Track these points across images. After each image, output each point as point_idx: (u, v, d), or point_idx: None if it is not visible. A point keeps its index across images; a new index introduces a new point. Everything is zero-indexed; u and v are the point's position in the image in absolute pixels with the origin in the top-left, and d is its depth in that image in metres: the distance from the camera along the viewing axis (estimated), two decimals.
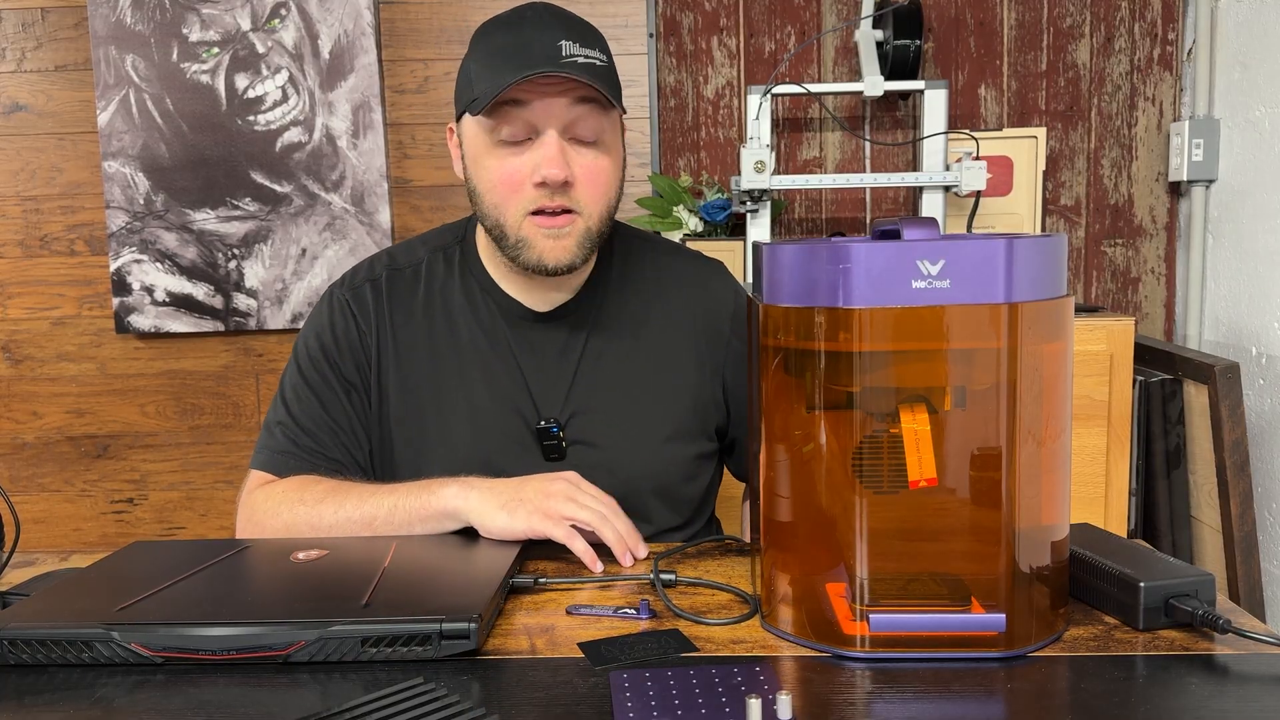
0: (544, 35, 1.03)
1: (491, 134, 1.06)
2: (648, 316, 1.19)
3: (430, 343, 1.16)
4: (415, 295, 1.18)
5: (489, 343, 1.16)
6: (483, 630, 0.78)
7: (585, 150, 1.07)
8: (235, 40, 2.15)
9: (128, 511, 2.32)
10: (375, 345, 1.16)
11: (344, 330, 1.17)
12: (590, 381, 1.16)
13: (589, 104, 1.05)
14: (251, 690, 0.74)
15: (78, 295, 2.27)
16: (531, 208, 1.06)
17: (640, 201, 2.12)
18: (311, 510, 1.06)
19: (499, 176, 1.07)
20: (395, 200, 2.22)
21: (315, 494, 1.07)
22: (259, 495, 1.11)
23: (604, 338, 1.17)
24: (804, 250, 0.75)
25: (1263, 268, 1.97)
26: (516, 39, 1.04)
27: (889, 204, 2.23)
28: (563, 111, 1.04)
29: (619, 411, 1.16)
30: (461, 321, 1.16)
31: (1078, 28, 2.16)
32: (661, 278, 1.21)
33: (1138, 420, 1.87)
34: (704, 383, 1.19)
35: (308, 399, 1.16)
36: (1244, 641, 0.77)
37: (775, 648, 0.79)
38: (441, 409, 1.15)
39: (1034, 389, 0.75)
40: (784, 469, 0.80)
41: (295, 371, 1.18)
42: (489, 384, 1.15)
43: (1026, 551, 0.76)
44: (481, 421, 1.14)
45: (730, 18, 2.18)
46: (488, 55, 1.05)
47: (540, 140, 1.05)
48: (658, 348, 1.18)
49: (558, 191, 1.06)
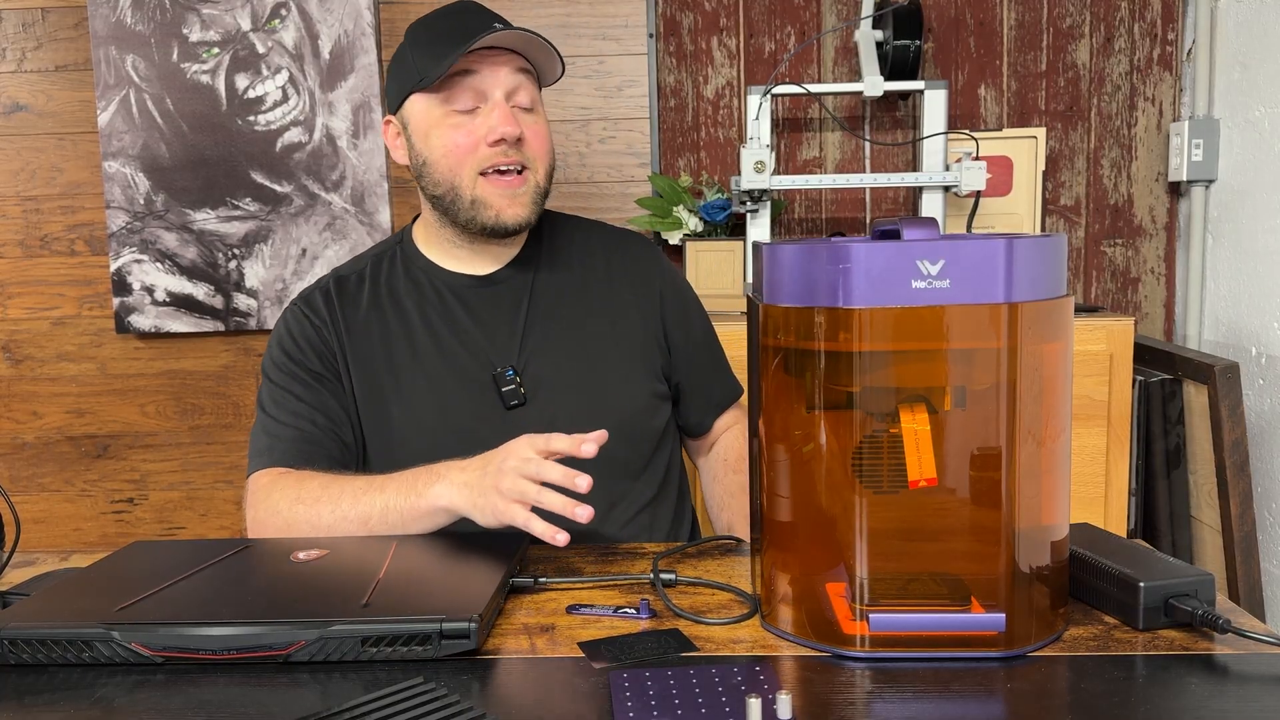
0: (478, 20, 1.16)
1: (442, 106, 1.17)
2: (583, 271, 1.28)
3: (382, 327, 1.23)
4: (362, 293, 1.25)
5: (437, 314, 1.23)
6: (483, 630, 0.78)
7: (525, 115, 1.19)
8: (235, 40, 2.16)
9: (128, 511, 2.32)
10: (335, 339, 1.22)
11: (301, 332, 1.23)
12: (541, 330, 1.23)
13: (526, 74, 1.19)
14: (251, 690, 0.74)
15: (78, 295, 2.27)
16: (485, 165, 1.16)
17: (640, 201, 2.12)
18: (309, 510, 1.07)
19: (453, 141, 1.16)
20: (395, 200, 2.22)
21: (311, 492, 1.08)
22: (259, 496, 1.13)
23: (547, 292, 1.25)
24: (804, 250, 0.75)
25: (1263, 268, 1.97)
26: (453, 24, 1.17)
27: (889, 204, 2.23)
28: (507, 79, 1.17)
29: (572, 354, 1.22)
30: (408, 303, 1.24)
31: (1078, 28, 2.16)
32: (590, 239, 1.32)
33: (1138, 420, 1.87)
34: (645, 325, 1.28)
35: (281, 398, 1.21)
36: (1244, 641, 0.77)
37: (775, 647, 0.79)
38: (400, 382, 1.20)
39: (1034, 389, 0.75)
40: (784, 469, 0.80)
41: (265, 384, 1.24)
42: (440, 349, 1.21)
43: (1026, 551, 0.76)
44: (444, 384, 1.19)
45: (730, 18, 2.18)
46: (428, 41, 1.17)
47: (490, 104, 1.16)
48: (597, 296, 1.27)
49: (511, 147, 1.16)
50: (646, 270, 1.31)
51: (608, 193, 2.20)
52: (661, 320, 1.29)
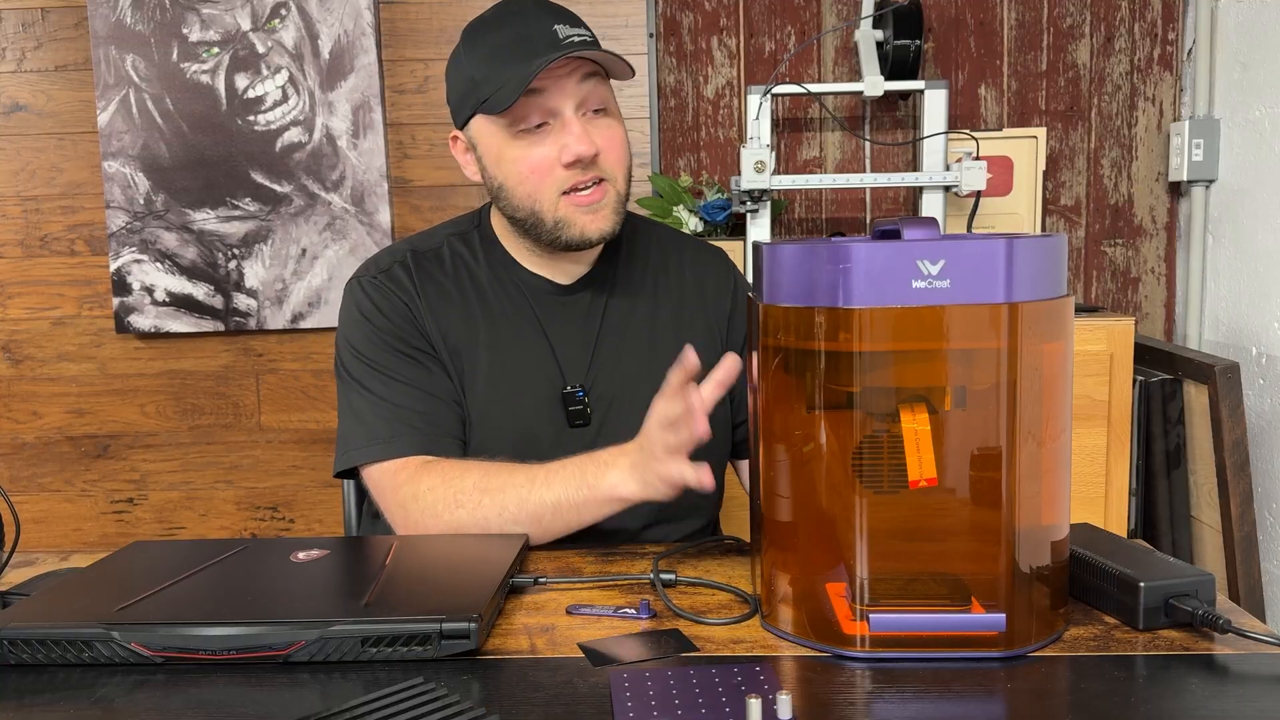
0: (538, 25, 1.09)
1: (510, 128, 1.10)
2: (658, 286, 1.25)
3: (464, 309, 1.19)
4: (443, 273, 1.20)
5: (516, 314, 1.19)
6: (483, 630, 0.78)
7: (599, 120, 1.13)
8: (235, 40, 2.16)
9: (128, 511, 2.32)
10: (423, 315, 1.17)
11: (390, 307, 1.16)
12: (611, 347, 1.20)
13: (594, 78, 1.11)
14: (251, 690, 0.74)
15: (78, 295, 2.27)
16: (564, 187, 1.11)
17: (640, 201, 2.12)
18: (472, 514, 1.04)
19: (528, 166, 1.11)
20: (395, 200, 2.22)
21: (469, 496, 1.05)
22: (405, 494, 1.08)
23: (621, 305, 1.22)
24: (804, 250, 0.75)
25: (1263, 268, 1.97)
26: (513, 34, 1.09)
27: (889, 204, 2.23)
28: (575, 90, 1.10)
29: (639, 373, 1.19)
30: (490, 294, 1.20)
31: (1078, 28, 2.16)
32: (667, 251, 1.28)
33: (1138, 420, 1.87)
34: (714, 346, 1.24)
35: (385, 377, 1.14)
36: (1244, 641, 0.77)
37: (775, 648, 0.79)
38: (480, 368, 1.17)
39: (1034, 389, 0.75)
40: (784, 469, 0.80)
41: (357, 363, 1.16)
42: (519, 352, 1.18)
43: (1026, 551, 0.76)
44: (512, 387, 1.17)
45: (730, 18, 2.18)
46: (488, 55, 1.09)
47: (561, 121, 1.10)
48: (670, 313, 1.24)
49: (588, 166, 1.11)
50: (720, 286, 1.28)
51: None
52: (729, 337, 1.26)
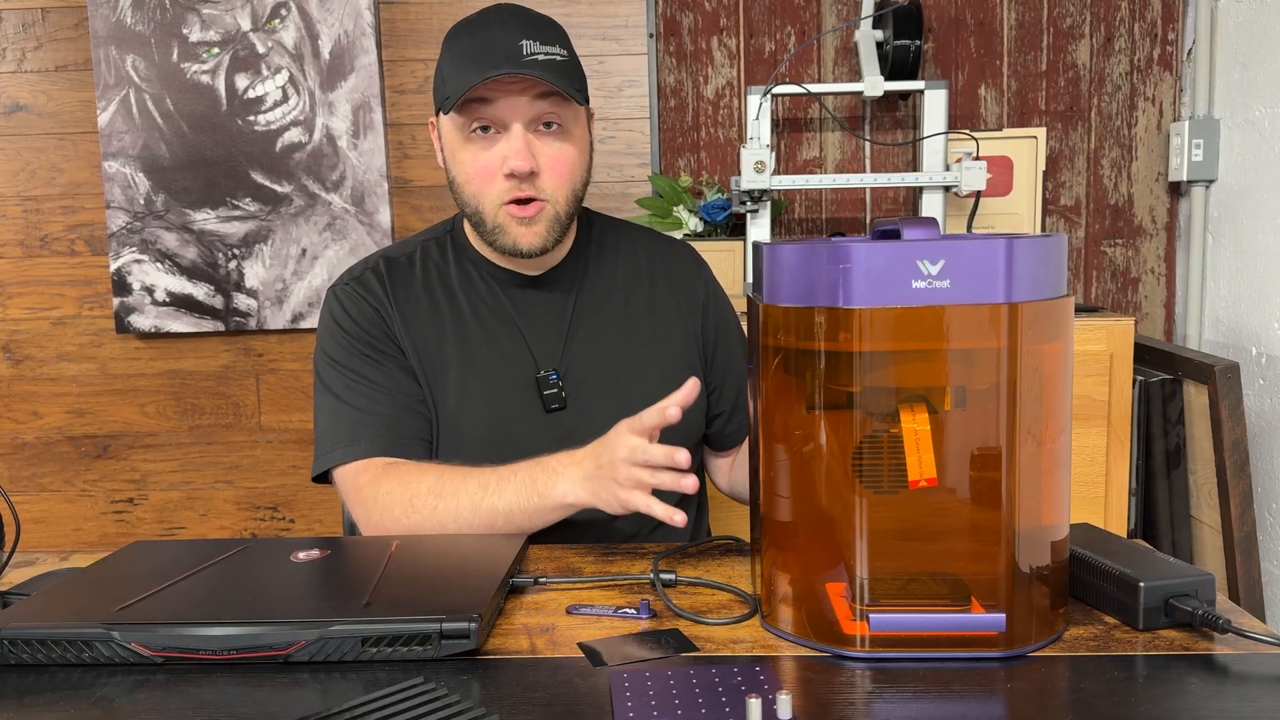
0: (506, 36, 1.11)
1: (463, 130, 1.15)
2: (629, 272, 1.28)
3: (434, 310, 1.22)
4: (414, 277, 1.24)
5: (487, 307, 1.23)
6: (483, 630, 0.78)
7: (550, 140, 1.15)
8: (235, 40, 2.15)
9: (128, 511, 2.32)
10: (392, 318, 1.20)
11: (360, 313, 1.20)
12: (584, 331, 1.23)
13: (550, 97, 1.13)
14: (251, 690, 0.74)
15: (78, 295, 2.27)
16: (506, 198, 1.15)
17: (640, 201, 2.12)
18: (427, 519, 1.07)
19: (473, 169, 1.15)
20: (395, 200, 2.22)
21: (424, 500, 1.07)
22: (366, 496, 1.11)
23: (592, 294, 1.25)
24: (804, 250, 0.75)
25: (1263, 268, 1.97)
26: (481, 41, 1.12)
27: (889, 204, 2.23)
28: (525, 107, 1.12)
29: (614, 359, 1.22)
30: (460, 291, 1.23)
31: (1078, 28, 2.16)
32: (636, 245, 1.31)
33: (1138, 420, 1.87)
34: (687, 332, 1.27)
35: (353, 381, 1.18)
36: (1244, 641, 0.77)
37: (775, 647, 0.79)
38: (453, 367, 1.19)
39: (1034, 389, 0.75)
40: (784, 469, 0.80)
41: (328, 368, 1.20)
42: (490, 343, 1.21)
43: (1026, 551, 0.76)
44: (486, 377, 1.19)
45: (730, 18, 2.18)
46: (456, 56, 1.13)
47: (507, 134, 1.13)
48: (642, 302, 1.27)
49: (525, 181, 1.14)
50: (691, 279, 1.31)
51: (608, 193, 2.20)
52: (703, 329, 1.29)
